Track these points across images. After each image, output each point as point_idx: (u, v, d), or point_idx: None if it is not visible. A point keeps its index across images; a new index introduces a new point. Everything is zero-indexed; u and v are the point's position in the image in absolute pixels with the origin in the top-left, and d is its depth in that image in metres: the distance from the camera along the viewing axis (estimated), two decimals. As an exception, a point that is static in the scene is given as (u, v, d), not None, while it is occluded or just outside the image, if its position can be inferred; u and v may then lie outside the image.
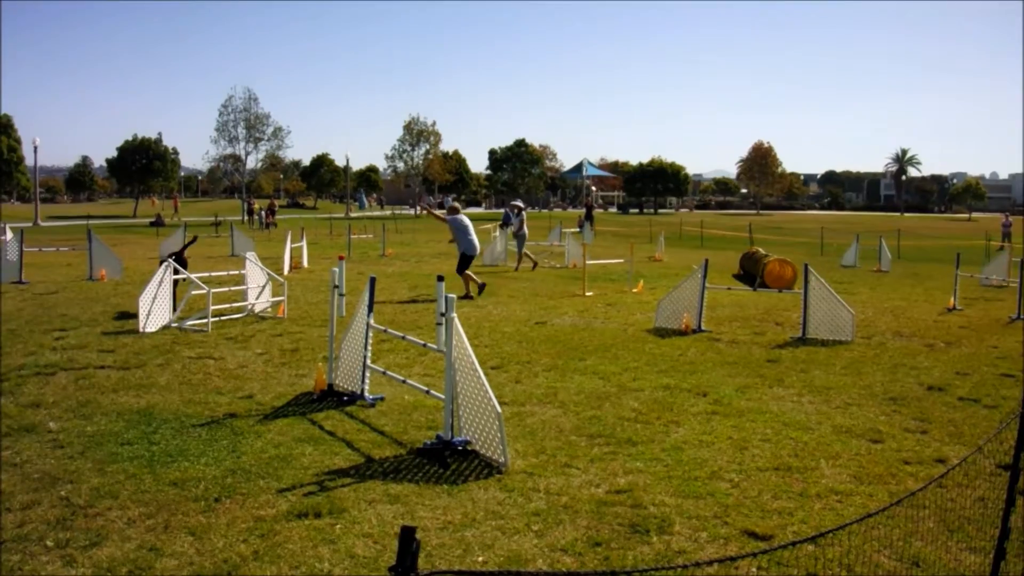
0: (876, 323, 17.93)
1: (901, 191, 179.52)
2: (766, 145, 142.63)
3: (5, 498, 7.40)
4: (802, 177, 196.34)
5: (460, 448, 8.58)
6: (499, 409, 8.08)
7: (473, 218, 25.81)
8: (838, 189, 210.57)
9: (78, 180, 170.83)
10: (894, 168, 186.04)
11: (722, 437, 9.25)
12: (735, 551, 6.34)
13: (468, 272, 22.04)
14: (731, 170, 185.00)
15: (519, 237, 31.17)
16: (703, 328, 16.25)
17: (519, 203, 33.54)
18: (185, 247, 20.17)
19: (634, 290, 23.30)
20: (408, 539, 2.96)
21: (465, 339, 8.61)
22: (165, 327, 16.20)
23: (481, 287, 10.27)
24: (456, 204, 24.23)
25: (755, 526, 6.78)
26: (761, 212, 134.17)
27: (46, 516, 7.00)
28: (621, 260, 27.94)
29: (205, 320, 16.21)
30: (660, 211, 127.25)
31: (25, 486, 7.69)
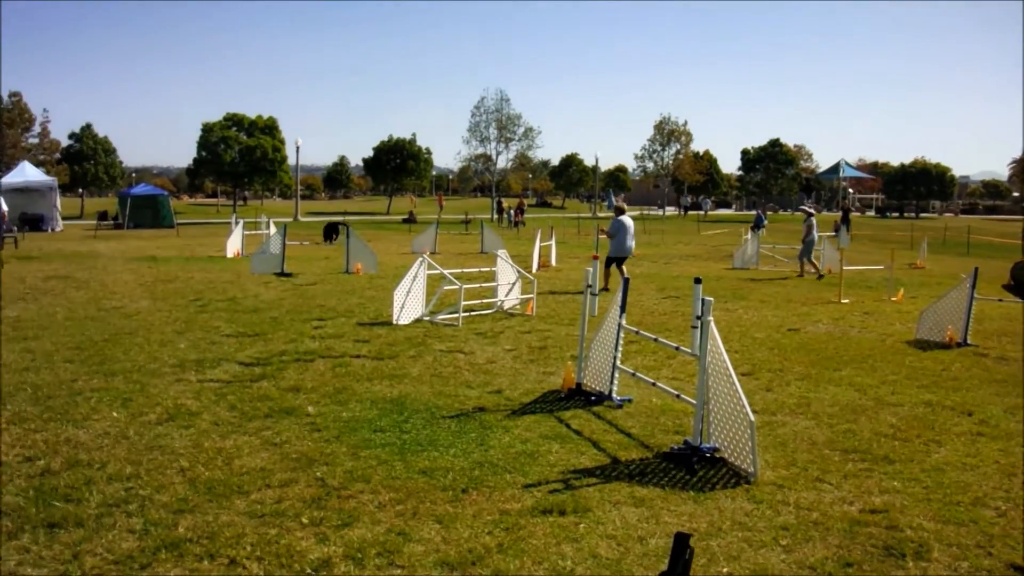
0: None
1: None
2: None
3: (266, 475, 7.73)
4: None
5: (708, 455, 8.41)
6: (752, 417, 7.88)
7: (724, 219, 25.45)
8: None
9: (335, 178, 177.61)
10: None
11: (988, 461, 8.73)
12: (1000, 584, 5.99)
13: (611, 269, 22.90)
14: (1002, 172, 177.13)
15: (807, 243, 29.23)
16: (969, 342, 15.44)
17: (809, 208, 32.03)
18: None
19: (893, 299, 22.46)
20: (682, 546, 2.87)
21: (720, 344, 8.43)
22: (417, 320, 16.56)
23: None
24: (623, 204, 24.63)
25: (1023, 560, 6.36)
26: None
27: (302, 494, 7.25)
28: (880, 267, 27.01)
29: (456, 315, 16.48)
30: (922, 215, 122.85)
31: (284, 465, 8.00)
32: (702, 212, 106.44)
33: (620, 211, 23.76)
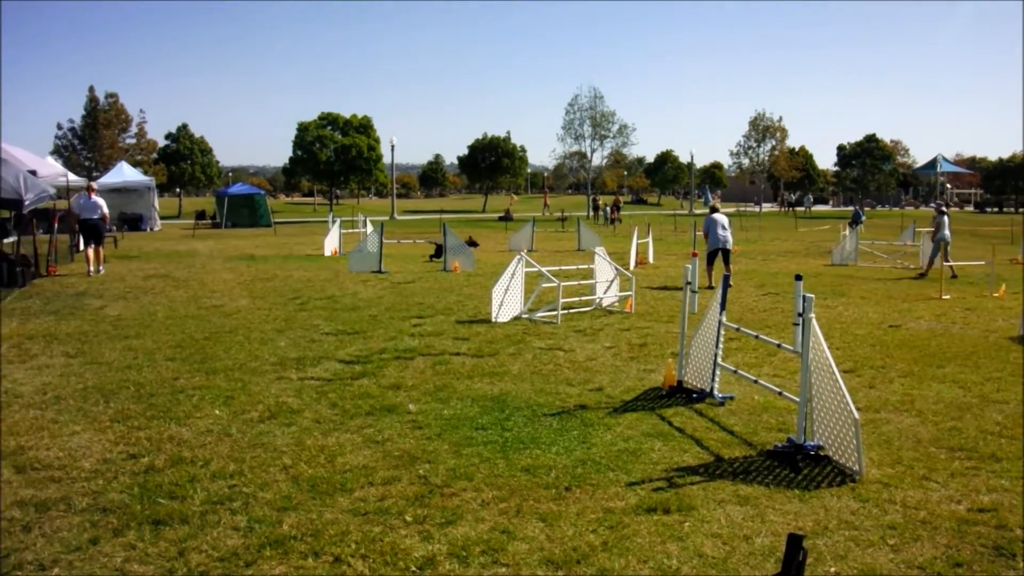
0: None
1: None
2: None
3: (368, 472, 7.79)
4: None
5: (812, 453, 8.35)
6: (856, 415, 7.81)
7: (821, 216, 25.16)
8: None
9: (431, 176, 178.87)
10: None
11: (1098, 458, 8.58)
12: (1114, 585, 5.88)
13: (714, 266, 23.34)
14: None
15: (938, 241, 27.96)
16: (1073, 338, 15.15)
17: (941, 204, 31.04)
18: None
19: (995, 294, 22.04)
20: (795, 547, 2.87)
21: (823, 340, 8.36)
22: (516, 318, 16.63)
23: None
24: (717, 203, 25.78)
25: None
26: None
27: (405, 492, 7.31)
28: (981, 262, 26.52)
29: (555, 312, 16.52)
30: (1021, 210, 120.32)
31: (386, 463, 8.07)
32: (804, 208, 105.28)
33: (713, 209, 24.38)
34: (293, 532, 6.45)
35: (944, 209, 28.69)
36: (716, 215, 23.90)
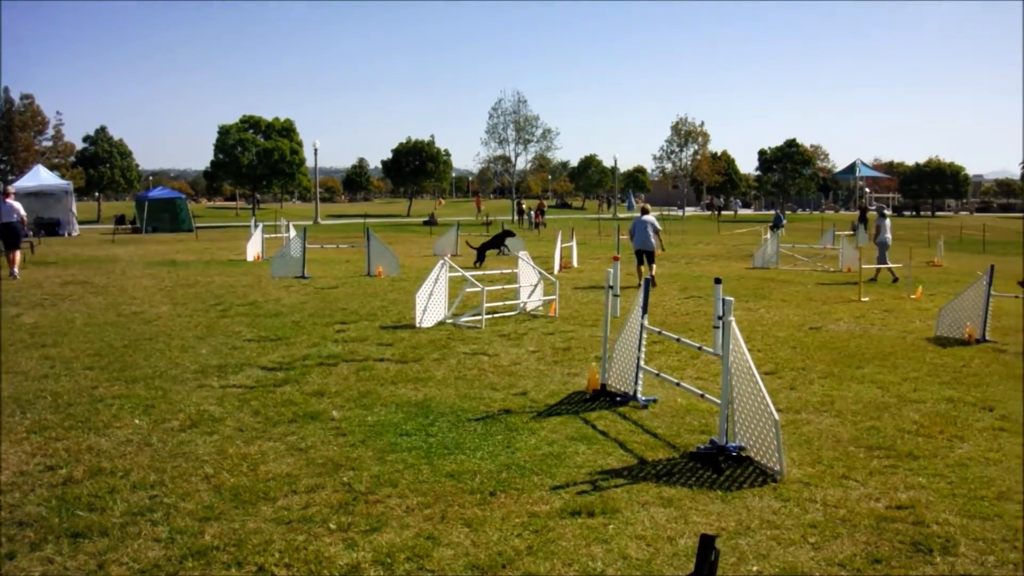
0: None
1: None
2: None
3: (292, 480, 7.75)
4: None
5: (734, 454, 8.45)
6: (776, 416, 7.92)
7: (744, 220, 25.56)
8: None
9: (355, 180, 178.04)
10: None
11: (1011, 455, 8.74)
12: (1026, 578, 6.01)
13: (643, 267, 24.71)
14: (1015, 170, 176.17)
15: (880, 243, 28.43)
16: (988, 338, 15.45)
17: (883, 207, 30.99)
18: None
19: (913, 296, 22.45)
20: (707, 547, 2.91)
21: (743, 343, 8.46)
22: (440, 323, 16.62)
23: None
24: (646, 205, 26.86)
25: (1050, 553, 6.37)
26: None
27: (329, 500, 7.28)
28: (898, 265, 26.98)
29: (479, 317, 16.54)
30: (937, 214, 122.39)
31: (310, 470, 8.03)
32: (732, 212, 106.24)
33: (644, 211, 25.45)
34: (215, 542, 6.39)
35: (886, 212, 29.21)
36: (646, 216, 24.77)
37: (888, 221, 28.53)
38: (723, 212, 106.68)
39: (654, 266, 24.83)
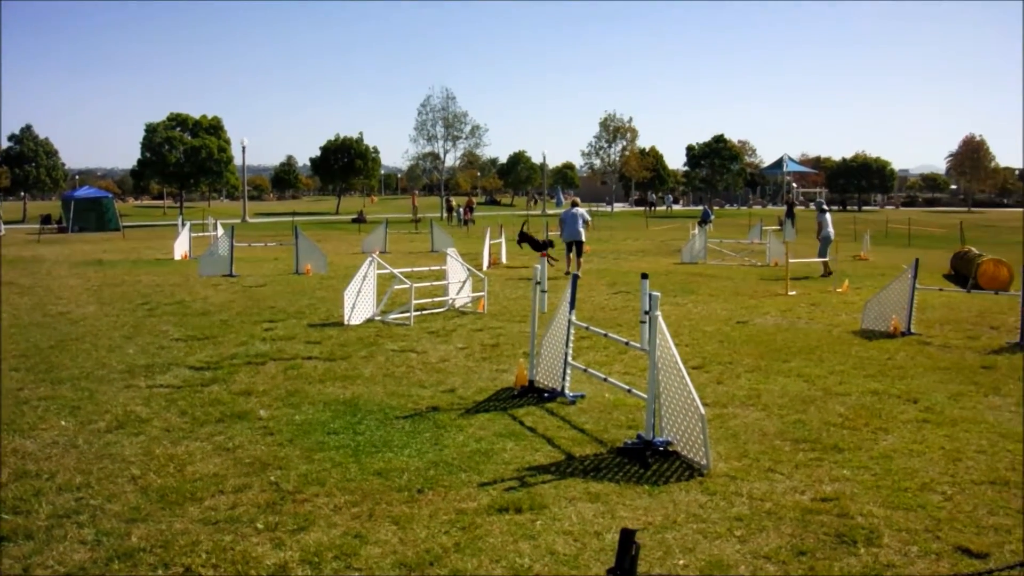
0: (1100, 329, 16.89)
1: None
2: (978, 138, 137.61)
3: (219, 480, 7.68)
4: (1017, 172, 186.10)
5: (661, 448, 8.48)
6: (703, 410, 7.96)
7: (672, 215, 25.90)
8: None
9: (283, 178, 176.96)
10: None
11: (934, 447, 8.88)
12: (947, 568, 6.08)
13: (571, 255, 26.39)
14: (940, 165, 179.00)
15: (823, 238, 28.14)
16: (913, 331, 15.66)
17: (823, 202, 30.76)
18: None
19: (839, 290, 22.71)
20: (628, 541, 2.91)
21: (669, 338, 8.50)
22: (369, 320, 16.56)
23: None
24: (576, 199, 29.70)
25: (969, 543, 6.45)
26: (972, 209, 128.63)
27: (257, 500, 7.22)
28: (825, 259, 27.28)
29: (408, 314, 16.50)
30: (864, 208, 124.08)
31: (237, 470, 7.97)
32: (666, 207, 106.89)
33: (575, 204, 27.45)
34: (142, 544, 6.31)
35: (825, 207, 29.19)
36: (576, 209, 26.81)
37: (828, 216, 28.53)
38: (657, 207, 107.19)
39: (581, 259, 25.80)
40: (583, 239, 26.14)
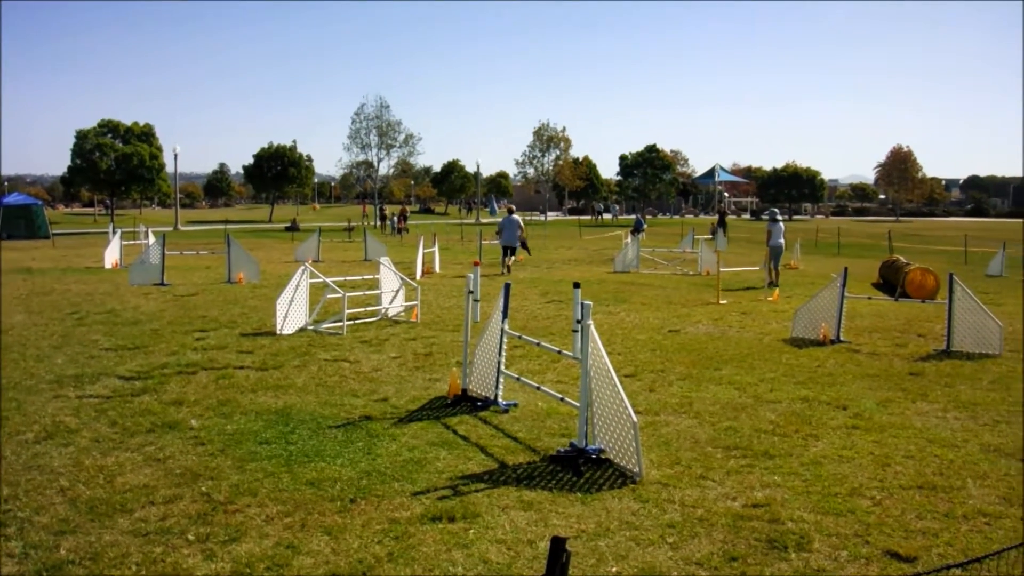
0: (1024, 336, 17.20)
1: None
2: (905, 149, 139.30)
3: (149, 491, 7.59)
4: (943, 182, 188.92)
5: (594, 456, 8.52)
6: (635, 418, 8.01)
7: (605, 224, 26.13)
8: (982, 195, 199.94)
9: (216, 186, 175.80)
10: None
11: (863, 453, 9.01)
12: (877, 572, 6.17)
13: (508, 260, 29.99)
14: (868, 175, 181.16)
15: (772, 248, 27.37)
16: (842, 339, 15.90)
17: (776, 212, 29.43)
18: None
19: (769, 299, 22.97)
20: (558, 550, 2.92)
21: (601, 347, 8.54)
22: (301, 329, 16.47)
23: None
24: (512, 207, 32.14)
25: (898, 547, 6.57)
26: (900, 219, 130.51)
27: (188, 511, 7.15)
28: (756, 267, 27.56)
29: (340, 323, 16.43)
30: (795, 217, 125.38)
31: (168, 481, 7.89)
32: (611, 216, 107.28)
33: (511, 211, 30.21)
34: (71, 556, 6.24)
35: (778, 217, 28.54)
36: (513, 216, 30.08)
37: (781, 225, 28.06)
38: (603, 216, 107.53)
39: (513, 257, 29.10)
40: (517, 245, 28.76)
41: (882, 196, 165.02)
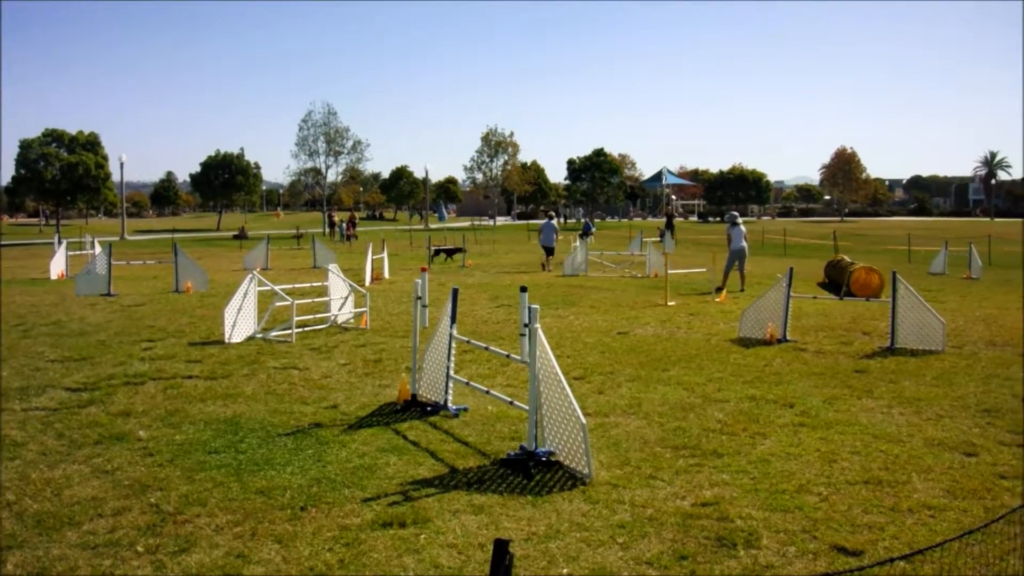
0: (968, 332, 17.47)
1: (991, 196, 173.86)
2: (849, 151, 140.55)
3: (98, 504, 7.52)
4: (887, 182, 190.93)
5: (544, 459, 8.55)
6: (583, 420, 8.05)
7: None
8: (924, 194, 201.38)
9: (163, 195, 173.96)
10: (983, 172, 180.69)
11: (810, 449, 9.11)
12: (824, 567, 6.24)
13: (546, 260, 35.73)
14: (814, 176, 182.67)
15: (732, 251, 26.64)
16: (788, 338, 16.06)
17: (736, 215, 28.47)
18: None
19: (717, 300, 23.13)
20: (501, 552, 2.94)
21: (549, 350, 8.58)
22: (250, 338, 16.38)
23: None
24: (552, 212, 36.36)
25: (845, 541, 6.65)
26: (845, 219, 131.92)
27: (137, 522, 7.10)
28: (703, 269, 27.74)
29: (289, 331, 16.38)
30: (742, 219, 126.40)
31: (116, 493, 7.82)
32: (576, 220, 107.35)
33: (549, 217, 37.78)
34: (18, 571, 6.18)
35: (738, 221, 27.65)
36: (551, 221, 37.30)
37: (742, 228, 27.13)
38: (566, 221, 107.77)
39: (550, 257, 33.30)
40: (554, 246, 34.30)
41: (827, 197, 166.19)
